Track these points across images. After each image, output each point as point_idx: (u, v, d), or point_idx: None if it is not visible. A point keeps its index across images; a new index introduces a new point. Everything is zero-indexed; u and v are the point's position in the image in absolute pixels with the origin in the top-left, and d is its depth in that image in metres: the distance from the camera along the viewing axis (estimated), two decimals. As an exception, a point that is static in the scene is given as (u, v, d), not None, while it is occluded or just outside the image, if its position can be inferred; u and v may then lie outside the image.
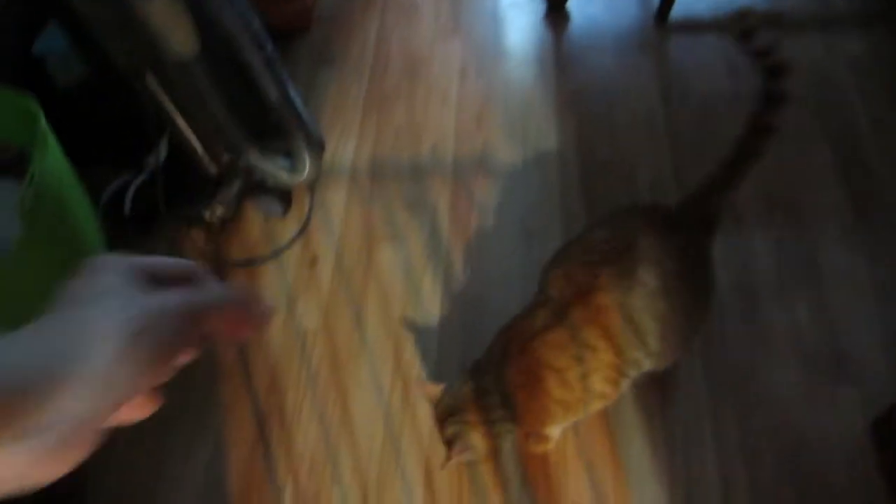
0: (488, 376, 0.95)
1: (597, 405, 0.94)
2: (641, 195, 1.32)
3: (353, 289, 1.30)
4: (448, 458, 0.96)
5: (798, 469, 1.01)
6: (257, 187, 1.34)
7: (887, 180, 1.27)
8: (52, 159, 1.03)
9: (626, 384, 0.92)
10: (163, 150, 1.28)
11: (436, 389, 1.01)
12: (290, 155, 1.24)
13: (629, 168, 1.37)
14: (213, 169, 1.26)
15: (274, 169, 1.23)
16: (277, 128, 1.20)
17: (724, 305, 1.16)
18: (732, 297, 1.17)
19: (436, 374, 1.18)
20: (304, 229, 1.37)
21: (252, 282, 1.34)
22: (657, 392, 1.10)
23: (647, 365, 0.91)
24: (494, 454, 1.08)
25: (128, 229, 1.37)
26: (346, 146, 1.49)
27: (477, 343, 1.01)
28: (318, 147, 1.24)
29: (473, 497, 1.07)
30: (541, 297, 0.95)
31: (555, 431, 1.06)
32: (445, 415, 0.97)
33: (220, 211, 1.31)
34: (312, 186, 1.41)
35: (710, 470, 1.03)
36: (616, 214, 0.99)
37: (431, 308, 1.26)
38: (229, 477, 1.14)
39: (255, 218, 1.41)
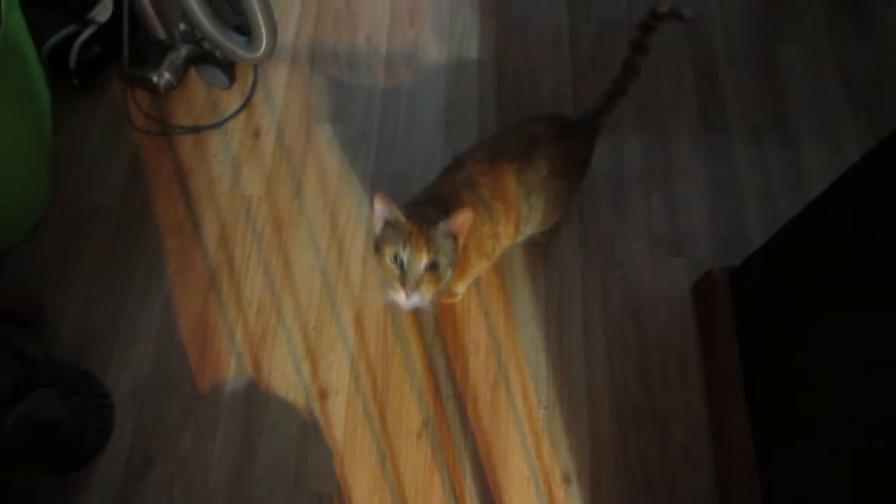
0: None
1: (493, 260, 1.20)
2: (544, 100, 1.57)
3: (293, 161, 1.45)
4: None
5: (639, 312, 1.36)
6: (204, 57, 1.41)
7: (730, 103, 1.60)
8: (14, 8, 1.07)
9: (517, 240, 1.20)
10: (108, 7, 1.30)
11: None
12: (244, 31, 1.32)
13: (536, 76, 1.60)
14: (161, 34, 1.32)
15: (230, 44, 1.31)
16: (233, 4, 1.27)
17: (599, 191, 1.46)
18: (606, 184, 1.47)
19: (367, 236, 1.39)
20: (247, 102, 1.47)
21: (197, 148, 1.44)
22: (540, 257, 1.40)
23: (533, 229, 1.20)
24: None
25: (71, 83, 1.39)
26: (287, 29, 1.58)
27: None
28: (273, 27, 1.32)
29: (396, 337, 1.32)
30: (459, 174, 1.16)
31: (461, 288, 1.33)
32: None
33: (167, 76, 1.38)
34: (256, 64, 1.50)
35: (576, 313, 1.36)
36: (527, 119, 1.22)
37: (363, 181, 1.45)
38: (184, 317, 1.31)
39: (199, 88, 1.49)
